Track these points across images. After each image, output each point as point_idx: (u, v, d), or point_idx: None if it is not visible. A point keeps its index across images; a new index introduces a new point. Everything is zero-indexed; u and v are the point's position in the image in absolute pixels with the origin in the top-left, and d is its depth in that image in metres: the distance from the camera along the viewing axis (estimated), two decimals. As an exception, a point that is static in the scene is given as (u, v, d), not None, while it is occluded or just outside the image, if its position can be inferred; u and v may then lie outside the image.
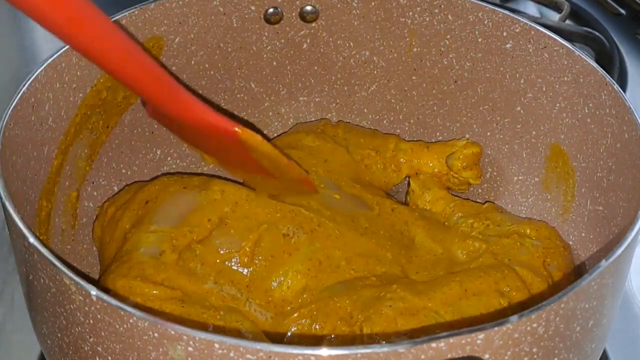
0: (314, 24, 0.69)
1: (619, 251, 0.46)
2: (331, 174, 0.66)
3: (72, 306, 0.44)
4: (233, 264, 0.58)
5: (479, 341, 0.41)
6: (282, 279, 0.58)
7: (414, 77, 0.71)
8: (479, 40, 0.67)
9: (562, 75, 0.63)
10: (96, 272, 0.64)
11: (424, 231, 0.63)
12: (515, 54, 0.66)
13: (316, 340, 0.56)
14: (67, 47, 0.59)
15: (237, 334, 0.54)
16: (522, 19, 0.65)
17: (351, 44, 0.70)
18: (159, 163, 0.69)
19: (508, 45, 0.66)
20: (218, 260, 0.58)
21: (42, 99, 0.57)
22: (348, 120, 0.73)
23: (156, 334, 0.41)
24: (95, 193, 0.65)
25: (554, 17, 0.98)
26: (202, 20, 0.66)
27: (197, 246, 0.58)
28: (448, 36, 0.68)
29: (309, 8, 0.68)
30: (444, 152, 0.69)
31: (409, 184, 0.69)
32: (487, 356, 0.42)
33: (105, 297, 0.42)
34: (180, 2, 0.65)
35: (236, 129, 0.53)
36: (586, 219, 0.63)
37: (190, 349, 0.41)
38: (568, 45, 0.63)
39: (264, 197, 0.61)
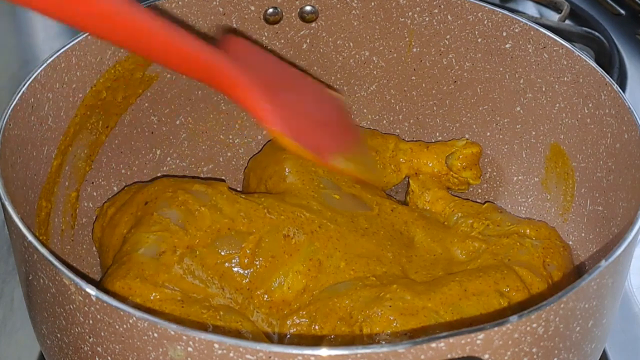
0: (313, 24, 0.69)
1: (619, 251, 0.46)
2: (331, 174, 0.66)
3: (71, 306, 0.44)
4: (233, 265, 0.58)
5: (478, 341, 0.41)
6: (282, 279, 0.58)
7: (413, 77, 0.71)
8: (479, 40, 0.67)
9: (561, 76, 0.63)
10: (96, 272, 0.64)
11: (423, 231, 0.63)
12: (514, 54, 0.66)
13: (316, 341, 0.56)
14: (67, 47, 0.59)
15: (237, 334, 0.54)
16: (521, 19, 0.65)
17: (351, 44, 0.70)
18: (159, 163, 0.69)
19: (508, 46, 0.66)
20: (218, 261, 0.58)
21: (42, 99, 0.57)
22: (348, 121, 0.73)
23: (156, 334, 0.41)
24: (94, 193, 0.65)
25: (553, 17, 0.98)
26: (202, 20, 0.66)
27: (198, 247, 0.58)
28: (447, 36, 0.68)
29: (308, 8, 0.68)
30: (443, 152, 0.69)
31: (408, 184, 0.69)
32: (486, 356, 0.42)
33: (104, 297, 0.42)
34: (180, 2, 0.65)
35: (272, 127, 0.46)
36: (586, 219, 0.63)
37: (189, 349, 0.41)
38: (568, 45, 0.63)
39: (267, 200, 0.61)
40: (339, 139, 0.48)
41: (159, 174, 0.69)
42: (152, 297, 0.54)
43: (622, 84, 0.90)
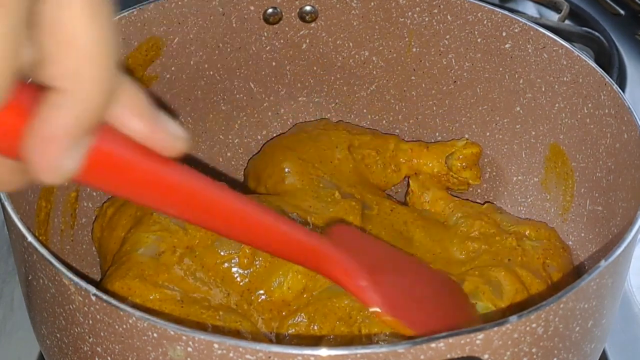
0: (313, 24, 0.69)
1: (618, 251, 0.46)
2: (331, 174, 0.65)
3: (71, 306, 0.44)
4: (233, 265, 0.58)
5: (478, 341, 0.41)
6: (282, 279, 0.58)
7: (413, 77, 0.71)
8: (478, 40, 0.67)
9: (561, 76, 0.63)
10: (95, 272, 0.64)
11: (423, 231, 0.63)
12: (514, 54, 0.66)
13: (315, 341, 0.56)
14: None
15: (237, 334, 0.54)
16: (521, 19, 0.65)
17: (350, 44, 0.70)
18: (159, 163, 0.69)
19: (507, 46, 0.66)
20: (218, 262, 0.58)
21: (42, 99, 0.57)
22: (347, 120, 0.73)
23: (155, 334, 0.41)
24: (94, 193, 0.65)
25: (553, 17, 0.98)
26: (201, 20, 0.66)
27: (197, 247, 0.58)
28: (447, 36, 0.68)
29: (308, 8, 0.68)
30: (443, 153, 0.69)
31: (408, 184, 0.69)
32: (486, 356, 0.42)
33: (104, 297, 0.42)
34: (180, 2, 0.65)
35: (371, 304, 0.46)
36: (585, 219, 0.63)
37: (189, 349, 0.41)
38: (567, 45, 0.63)
39: (267, 201, 0.61)
40: (443, 315, 0.50)
41: (158, 174, 0.69)
42: (151, 297, 0.54)
43: (622, 84, 0.90)
